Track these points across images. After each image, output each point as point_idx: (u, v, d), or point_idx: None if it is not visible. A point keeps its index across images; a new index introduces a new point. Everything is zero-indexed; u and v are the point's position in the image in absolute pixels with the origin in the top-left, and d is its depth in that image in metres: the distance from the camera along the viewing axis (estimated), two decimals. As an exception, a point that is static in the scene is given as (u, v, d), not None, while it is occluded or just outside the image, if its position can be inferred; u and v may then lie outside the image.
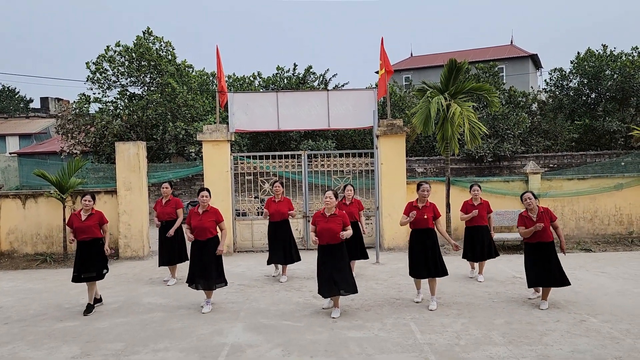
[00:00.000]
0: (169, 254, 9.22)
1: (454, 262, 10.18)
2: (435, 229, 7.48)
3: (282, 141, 21.94)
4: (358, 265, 9.99)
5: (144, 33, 21.03)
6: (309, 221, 12.19)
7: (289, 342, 6.03)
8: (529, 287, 7.35)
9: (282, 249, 9.21)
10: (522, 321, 6.62)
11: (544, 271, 7.08)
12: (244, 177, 12.68)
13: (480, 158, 20.30)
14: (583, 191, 12.64)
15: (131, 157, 12.00)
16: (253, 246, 12.38)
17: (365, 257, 9.41)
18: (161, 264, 9.37)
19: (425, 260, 7.30)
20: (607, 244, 12.07)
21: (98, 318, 7.21)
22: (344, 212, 7.30)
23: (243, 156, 12.87)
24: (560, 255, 7.31)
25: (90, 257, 7.48)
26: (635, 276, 8.99)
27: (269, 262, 9.47)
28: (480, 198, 9.08)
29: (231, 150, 12.45)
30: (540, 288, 7.38)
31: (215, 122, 14.46)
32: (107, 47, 20.70)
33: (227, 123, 12.35)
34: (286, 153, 12.64)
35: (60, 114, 23.02)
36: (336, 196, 7.15)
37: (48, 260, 11.57)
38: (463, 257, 9.19)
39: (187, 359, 5.60)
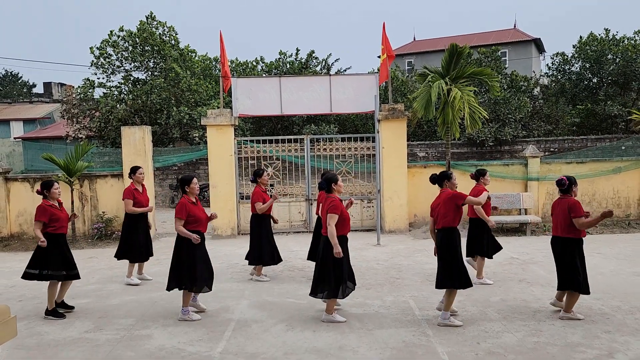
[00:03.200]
0: (143, 248, 8.26)
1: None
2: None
3: (284, 126, 22.11)
4: (357, 247, 10.29)
5: (147, 18, 21.12)
6: (311, 204, 12.42)
7: (292, 318, 6.30)
8: (588, 293, 5.99)
9: (273, 247, 8.25)
10: (517, 299, 6.86)
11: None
12: (247, 162, 12.88)
13: (482, 142, 20.44)
14: (582, 174, 12.79)
15: (137, 141, 12.23)
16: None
17: None
18: (138, 260, 8.30)
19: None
20: (605, 226, 12.25)
21: (108, 296, 7.49)
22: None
23: (247, 140, 13.07)
24: None
25: (69, 252, 6.78)
26: (630, 257, 9.21)
27: (265, 263, 8.21)
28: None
29: (235, 134, 12.65)
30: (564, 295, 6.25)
31: (219, 107, 14.62)
32: (111, 32, 20.84)
33: (231, 108, 12.53)
34: (289, 137, 12.84)
35: (65, 99, 23.27)
36: None
37: (57, 242, 11.83)
38: (473, 255, 7.83)
39: (196, 333, 5.87)
